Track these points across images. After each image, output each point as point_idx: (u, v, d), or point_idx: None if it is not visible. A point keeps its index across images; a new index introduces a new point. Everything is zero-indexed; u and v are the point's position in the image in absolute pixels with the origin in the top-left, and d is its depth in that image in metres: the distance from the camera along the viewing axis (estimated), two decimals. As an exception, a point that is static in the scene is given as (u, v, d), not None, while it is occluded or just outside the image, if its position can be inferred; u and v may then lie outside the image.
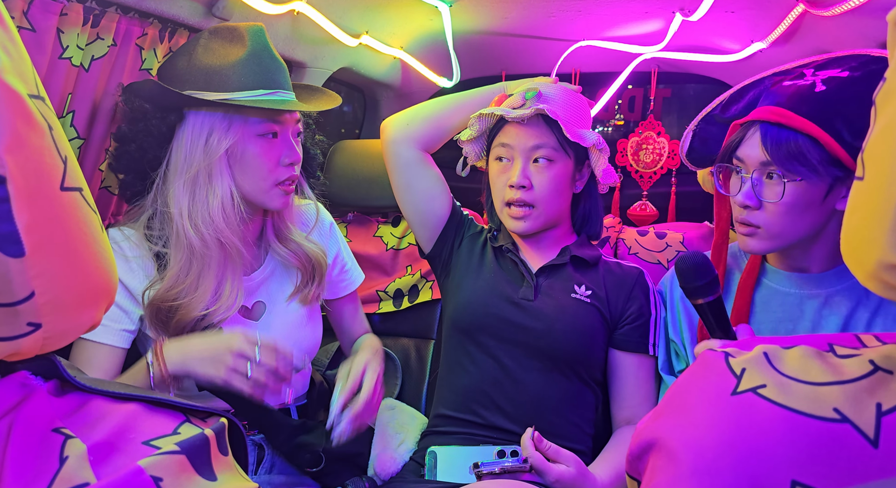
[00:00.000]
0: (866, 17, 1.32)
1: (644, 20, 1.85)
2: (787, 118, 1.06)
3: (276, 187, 1.16)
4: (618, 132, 2.62)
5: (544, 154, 1.30)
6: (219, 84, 1.09)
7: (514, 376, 1.32)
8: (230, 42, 1.12)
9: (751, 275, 1.23)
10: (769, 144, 1.07)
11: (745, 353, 0.48)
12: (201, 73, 1.09)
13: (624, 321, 1.35)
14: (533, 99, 1.31)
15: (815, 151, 1.04)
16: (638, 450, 0.51)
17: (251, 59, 1.10)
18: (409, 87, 2.43)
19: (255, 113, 1.12)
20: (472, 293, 1.39)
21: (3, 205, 0.40)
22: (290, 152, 1.16)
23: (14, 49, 0.43)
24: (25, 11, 0.99)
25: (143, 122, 1.11)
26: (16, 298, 0.43)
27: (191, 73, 1.10)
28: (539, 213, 1.33)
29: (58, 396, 0.50)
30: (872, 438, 0.39)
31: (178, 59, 1.13)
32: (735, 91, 1.23)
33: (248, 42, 1.11)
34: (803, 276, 1.19)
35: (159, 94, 1.09)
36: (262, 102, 1.09)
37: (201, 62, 1.10)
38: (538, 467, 1.10)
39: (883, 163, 0.40)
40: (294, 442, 1.24)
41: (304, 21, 1.58)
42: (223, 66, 1.09)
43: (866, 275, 0.42)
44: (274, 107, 1.10)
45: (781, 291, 1.21)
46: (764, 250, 1.15)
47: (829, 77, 1.07)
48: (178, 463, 0.46)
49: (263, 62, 1.12)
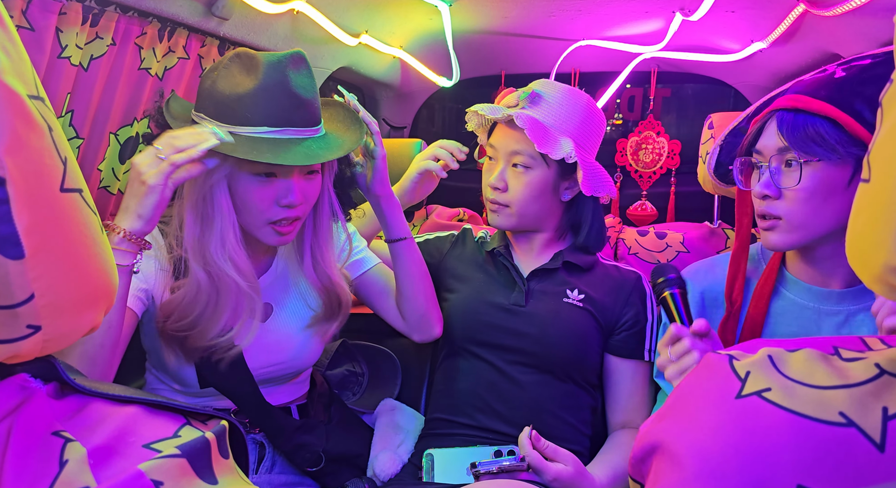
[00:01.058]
0: (867, 17, 1.32)
1: (644, 20, 1.85)
2: (803, 102, 1.02)
3: (268, 226, 1.10)
4: (617, 132, 2.62)
5: (521, 161, 1.30)
6: (224, 114, 1.03)
7: (509, 380, 1.31)
8: (245, 71, 1.05)
9: (768, 283, 1.17)
10: (785, 129, 1.03)
11: (749, 356, 0.48)
12: (213, 99, 1.04)
13: (620, 327, 1.34)
14: (526, 100, 1.31)
15: (834, 132, 1.00)
16: (641, 454, 0.51)
17: (260, 93, 1.02)
18: (408, 87, 2.43)
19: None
20: (463, 302, 1.38)
21: (3, 206, 0.40)
22: (287, 194, 1.07)
23: (13, 49, 0.43)
24: (24, 11, 0.98)
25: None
26: (15, 300, 0.42)
27: (207, 97, 1.05)
28: (512, 214, 1.33)
29: (57, 399, 0.50)
30: (879, 442, 0.39)
31: (205, 78, 1.08)
32: (761, 102, 1.17)
33: (261, 74, 1.03)
34: (824, 291, 1.13)
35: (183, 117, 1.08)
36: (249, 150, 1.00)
37: (216, 88, 1.04)
38: (536, 466, 1.10)
39: (889, 166, 0.39)
40: (294, 441, 1.24)
41: (303, 20, 1.58)
42: (230, 97, 1.03)
43: (872, 278, 0.42)
44: (253, 158, 0.99)
45: (799, 303, 1.15)
46: (786, 245, 1.09)
47: (850, 65, 1.03)
48: (179, 467, 0.45)
49: (275, 98, 1.03)
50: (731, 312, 1.19)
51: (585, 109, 1.33)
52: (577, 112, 1.32)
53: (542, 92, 1.31)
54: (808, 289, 1.15)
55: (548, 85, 1.34)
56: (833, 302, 1.12)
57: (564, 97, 1.32)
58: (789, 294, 1.17)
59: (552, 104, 1.31)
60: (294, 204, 1.08)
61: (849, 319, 1.11)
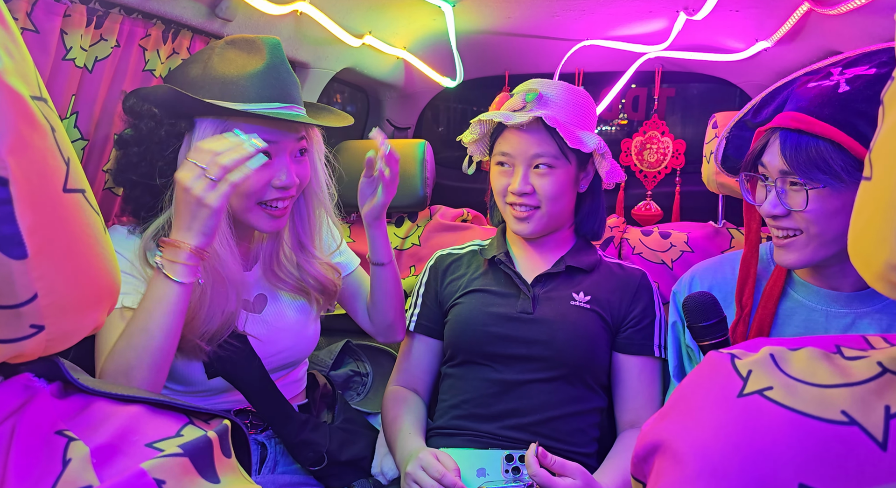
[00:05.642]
0: (872, 15, 1.32)
1: (648, 19, 1.84)
2: (806, 124, 1.00)
3: (258, 207, 1.12)
4: (622, 132, 2.62)
5: (545, 162, 1.30)
6: (234, 94, 1.06)
7: (518, 387, 1.30)
8: (248, 53, 1.09)
9: (777, 285, 1.17)
10: (788, 152, 1.01)
11: (751, 355, 0.47)
12: (217, 81, 1.06)
13: (627, 324, 1.34)
14: (533, 101, 1.30)
15: (839, 157, 0.97)
16: (643, 452, 0.51)
17: (269, 71, 1.08)
18: (412, 88, 2.43)
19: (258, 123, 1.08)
20: (468, 314, 1.37)
21: (6, 207, 0.40)
22: (281, 174, 1.10)
23: (16, 50, 0.43)
24: (29, 13, 0.99)
25: (150, 127, 1.07)
26: (19, 300, 0.42)
27: (206, 82, 1.07)
28: (542, 214, 1.33)
29: (61, 398, 0.50)
30: (881, 441, 0.39)
31: (191, 66, 1.10)
32: (767, 94, 1.16)
33: (266, 54, 1.09)
34: (832, 294, 1.12)
35: (174, 98, 1.05)
36: (280, 114, 1.07)
37: (217, 71, 1.07)
38: (544, 484, 1.08)
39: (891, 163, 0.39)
40: (300, 437, 1.24)
41: (307, 21, 1.58)
42: (240, 76, 1.07)
43: (874, 276, 0.42)
44: (292, 118, 1.07)
45: (807, 305, 1.15)
46: (802, 262, 1.06)
47: (854, 76, 1.00)
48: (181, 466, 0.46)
49: (281, 76, 1.10)
50: (741, 316, 1.18)
51: (585, 101, 1.36)
52: (581, 105, 1.35)
53: (546, 92, 1.32)
54: (817, 291, 1.14)
55: (546, 84, 1.34)
56: (841, 304, 1.12)
57: (567, 93, 1.33)
58: (797, 295, 1.17)
59: (559, 102, 1.31)
60: (288, 185, 1.11)
61: (856, 322, 1.10)
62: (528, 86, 1.35)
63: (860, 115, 0.96)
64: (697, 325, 1.06)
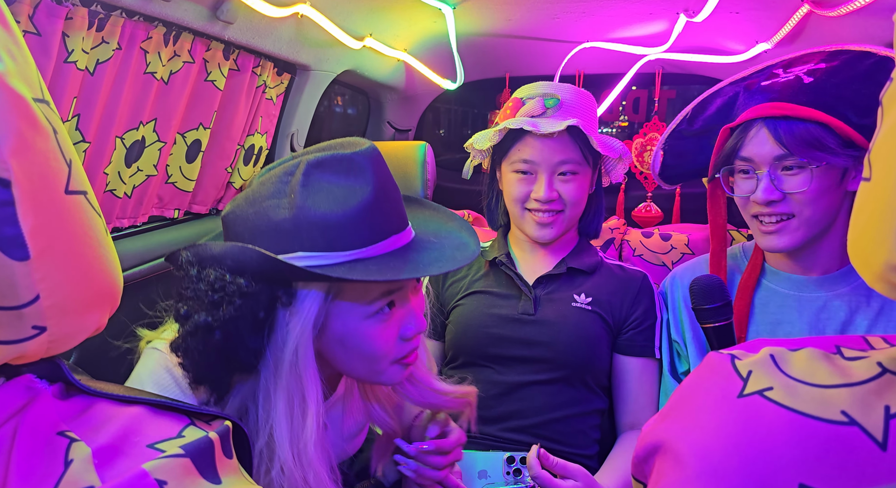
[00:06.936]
0: (871, 16, 1.32)
1: (648, 21, 1.85)
2: (792, 110, 1.07)
3: (393, 365, 0.86)
4: (622, 134, 2.62)
5: (570, 168, 1.30)
6: (340, 240, 0.74)
7: (519, 388, 1.31)
8: (346, 178, 0.76)
9: (751, 276, 1.23)
10: (784, 137, 1.08)
11: (751, 355, 0.48)
12: (316, 226, 0.73)
13: (628, 325, 1.34)
14: (555, 108, 1.29)
15: (830, 137, 1.05)
16: (643, 453, 0.51)
17: (379, 196, 0.76)
18: (413, 90, 2.44)
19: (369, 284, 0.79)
20: (469, 316, 1.36)
21: (8, 208, 0.40)
22: (411, 322, 0.85)
23: (19, 53, 0.43)
24: (31, 15, 0.99)
25: (239, 308, 0.73)
26: (21, 301, 0.43)
27: (300, 229, 0.74)
28: (565, 219, 1.33)
29: (63, 399, 0.50)
30: (881, 441, 0.39)
31: (271, 207, 0.75)
32: (696, 104, 1.25)
33: (370, 175, 0.76)
34: (802, 278, 1.19)
35: (270, 267, 0.73)
36: (415, 274, 0.76)
37: (311, 210, 0.74)
38: (545, 486, 1.08)
39: (890, 164, 0.39)
40: None
41: (308, 24, 1.58)
42: (345, 215, 0.74)
43: (873, 277, 0.42)
44: (407, 276, 0.75)
45: (780, 293, 1.21)
46: (793, 244, 1.13)
47: (808, 70, 1.09)
48: (183, 467, 0.46)
49: (390, 195, 0.78)
50: None
51: (594, 104, 1.37)
52: (593, 108, 1.36)
53: (566, 97, 1.31)
54: (788, 278, 1.21)
55: (561, 88, 1.33)
56: (812, 288, 1.18)
57: (582, 97, 1.34)
58: (770, 284, 1.23)
59: (575, 107, 1.31)
60: (422, 330, 0.87)
61: (827, 304, 1.16)
62: (539, 90, 1.33)
63: (836, 99, 1.05)
64: (702, 308, 1.09)
